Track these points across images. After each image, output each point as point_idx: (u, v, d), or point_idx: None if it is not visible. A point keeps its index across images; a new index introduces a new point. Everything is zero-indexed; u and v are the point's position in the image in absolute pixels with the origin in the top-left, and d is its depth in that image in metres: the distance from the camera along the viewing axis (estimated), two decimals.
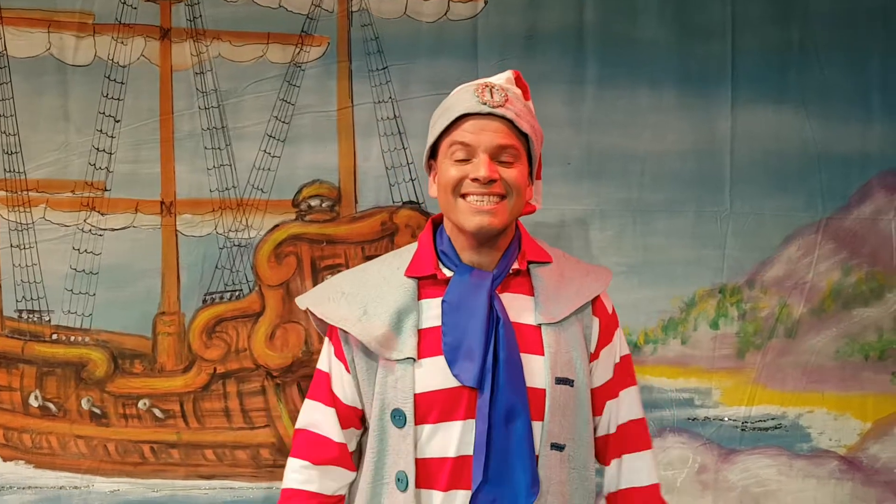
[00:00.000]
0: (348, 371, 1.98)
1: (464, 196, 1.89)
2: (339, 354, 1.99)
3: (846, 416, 2.83)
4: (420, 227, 2.68)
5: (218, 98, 2.69)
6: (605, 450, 2.05)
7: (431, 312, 1.92)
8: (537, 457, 1.88)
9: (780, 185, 2.81)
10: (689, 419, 2.79)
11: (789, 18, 2.80)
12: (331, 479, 1.99)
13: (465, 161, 1.90)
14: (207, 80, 2.69)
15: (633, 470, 2.04)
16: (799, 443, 2.82)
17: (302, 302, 2.07)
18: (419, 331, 1.91)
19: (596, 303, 2.02)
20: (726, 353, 2.81)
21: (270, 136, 2.71)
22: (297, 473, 1.99)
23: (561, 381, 1.90)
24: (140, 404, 2.67)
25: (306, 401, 2.04)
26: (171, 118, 2.69)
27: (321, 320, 2.02)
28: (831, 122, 2.81)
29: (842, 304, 2.84)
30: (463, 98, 1.93)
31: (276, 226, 2.71)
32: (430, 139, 1.97)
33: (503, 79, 2.02)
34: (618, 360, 2.05)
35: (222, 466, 2.69)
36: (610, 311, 2.05)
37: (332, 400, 1.99)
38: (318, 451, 1.98)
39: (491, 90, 1.91)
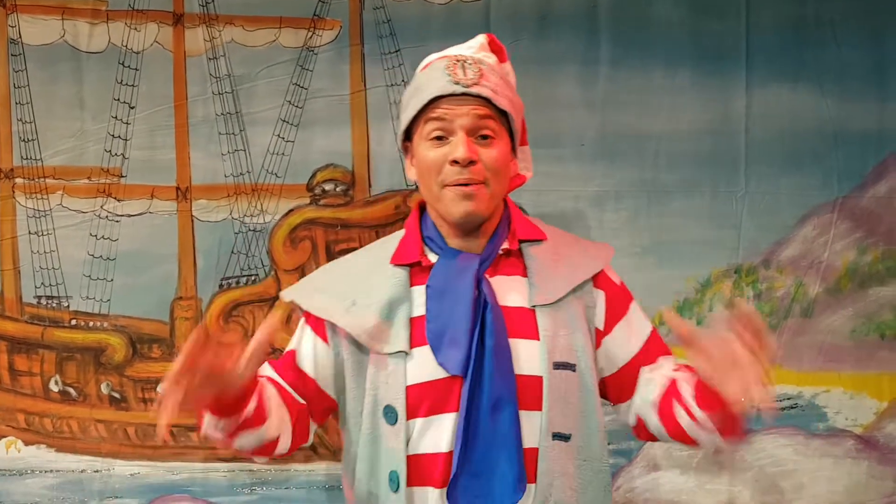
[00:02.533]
0: (328, 344, 1.84)
1: (446, 186, 1.77)
2: (321, 333, 1.85)
3: (862, 395, 2.83)
4: None
5: (231, 83, 2.70)
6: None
7: (421, 300, 1.80)
8: (535, 449, 1.75)
9: (795, 164, 2.79)
10: None
11: None
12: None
13: (443, 140, 1.77)
14: (221, 65, 2.70)
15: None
16: (815, 422, 2.82)
17: (287, 294, 1.92)
18: (411, 320, 1.78)
19: (598, 276, 1.88)
20: None
21: (284, 121, 2.71)
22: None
23: (560, 365, 1.77)
24: (159, 388, 2.68)
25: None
26: (186, 104, 2.70)
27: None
28: (847, 100, 2.79)
29: (858, 284, 2.83)
30: (434, 77, 1.79)
31: (291, 210, 2.72)
32: (403, 122, 1.83)
33: (476, 46, 1.86)
34: (647, 335, 1.91)
35: None
36: (618, 283, 1.92)
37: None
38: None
39: (463, 65, 1.77)
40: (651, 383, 1.86)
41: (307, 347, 1.86)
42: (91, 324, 2.69)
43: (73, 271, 2.68)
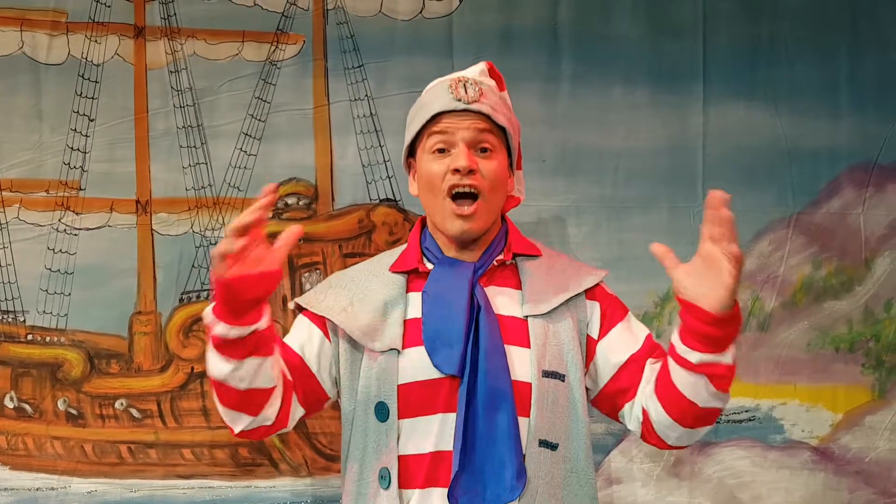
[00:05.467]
0: (329, 340, 1.92)
1: (448, 193, 1.87)
2: (322, 328, 1.92)
3: (818, 407, 2.87)
4: (397, 224, 2.69)
5: (193, 96, 2.69)
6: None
7: (416, 304, 1.89)
8: (523, 455, 1.81)
9: (751, 180, 2.84)
10: None
11: (759, 15, 2.84)
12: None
13: (444, 153, 1.89)
14: (182, 78, 2.68)
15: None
16: (772, 434, 2.86)
17: (294, 302, 2.04)
18: (405, 321, 1.87)
19: (592, 290, 1.97)
20: None
21: (246, 135, 2.70)
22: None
23: (549, 374, 1.84)
24: (117, 404, 2.66)
25: None
26: (146, 117, 2.68)
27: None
28: (801, 117, 2.85)
29: (813, 298, 2.88)
30: (437, 95, 1.93)
31: None
32: (408, 138, 1.97)
33: (477, 71, 2.01)
34: (645, 337, 1.96)
35: (201, 466, 2.67)
36: (612, 295, 2.00)
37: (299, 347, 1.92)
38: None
39: (465, 85, 1.91)
40: (648, 380, 1.89)
41: (308, 336, 1.92)
42: (48, 339, 2.64)
43: (29, 285, 2.63)
